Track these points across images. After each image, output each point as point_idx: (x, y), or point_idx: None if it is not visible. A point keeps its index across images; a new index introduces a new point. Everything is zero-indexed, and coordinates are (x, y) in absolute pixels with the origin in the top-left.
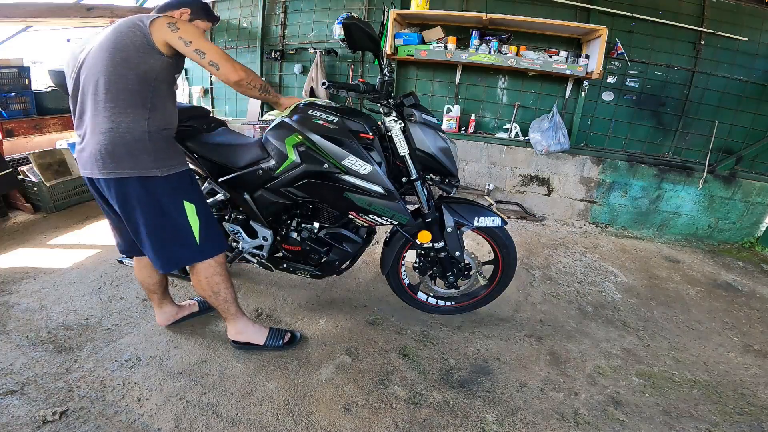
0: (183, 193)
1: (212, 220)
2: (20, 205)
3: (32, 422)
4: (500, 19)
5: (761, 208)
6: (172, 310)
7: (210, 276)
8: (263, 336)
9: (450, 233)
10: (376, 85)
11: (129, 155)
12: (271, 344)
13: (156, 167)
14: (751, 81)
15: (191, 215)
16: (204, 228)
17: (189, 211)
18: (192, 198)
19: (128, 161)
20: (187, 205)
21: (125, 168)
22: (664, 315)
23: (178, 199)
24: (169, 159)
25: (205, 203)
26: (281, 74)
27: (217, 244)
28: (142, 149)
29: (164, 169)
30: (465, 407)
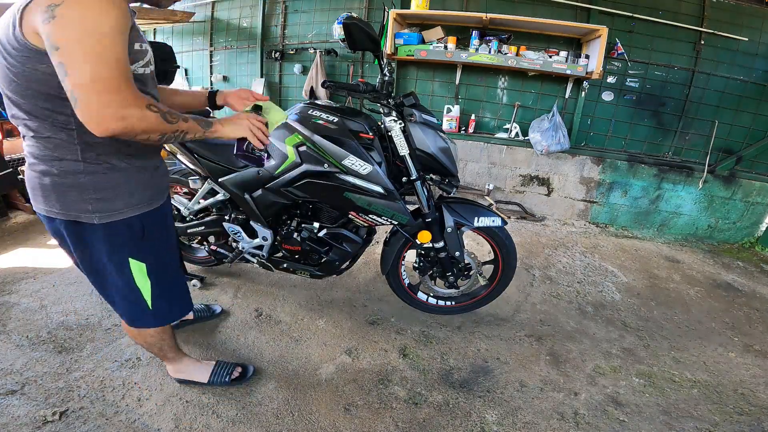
0: (127, 248)
1: (172, 284)
2: (20, 205)
3: (32, 422)
4: (500, 19)
5: (761, 208)
6: None
7: (148, 334)
8: (207, 373)
9: (450, 233)
10: (376, 85)
11: (61, 193)
12: (215, 381)
13: (91, 211)
14: (751, 81)
15: (139, 275)
16: (157, 290)
17: (135, 270)
18: (142, 254)
19: (61, 199)
20: (134, 263)
21: (59, 208)
22: (664, 315)
23: (120, 253)
24: (112, 200)
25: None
26: (281, 74)
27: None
28: (74, 186)
29: (102, 214)
30: (465, 407)
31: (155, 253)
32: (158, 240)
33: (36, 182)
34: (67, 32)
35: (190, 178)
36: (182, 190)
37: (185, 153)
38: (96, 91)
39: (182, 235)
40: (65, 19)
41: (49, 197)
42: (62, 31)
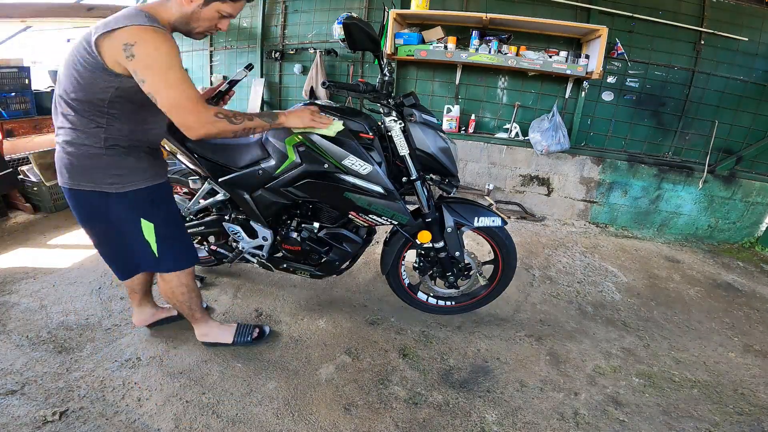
0: (140, 211)
1: (176, 239)
2: (20, 205)
3: (32, 422)
4: (500, 19)
5: (761, 208)
6: (150, 311)
7: (175, 287)
8: (230, 334)
9: (450, 233)
10: (376, 85)
11: (84, 170)
12: (239, 341)
13: (110, 183)
14: (751, 81)
15: (148, 233)
16: (162, 245)
17: (146, 228)
18: (150, 216)
19: (84, 175)
20: (144, 223)
21: (80, 181)
22: (664, 315)
23: (134, 215)
24: (125, 176)
25: (169, 223)
26: (281, 74)
27: (181, 262)
28: (95, 165)
29: (119, 185)
30: (465, 407)
31: (161, 215)
32: (163, 205)
33: (68, 161)
34: (147, 69)
35: (190, 178)
36: (182, 190)
37: (185, 153)
38: (178, 112)
39: None
40: (142, 58)
41: (78, 173)
42: (143, 69)
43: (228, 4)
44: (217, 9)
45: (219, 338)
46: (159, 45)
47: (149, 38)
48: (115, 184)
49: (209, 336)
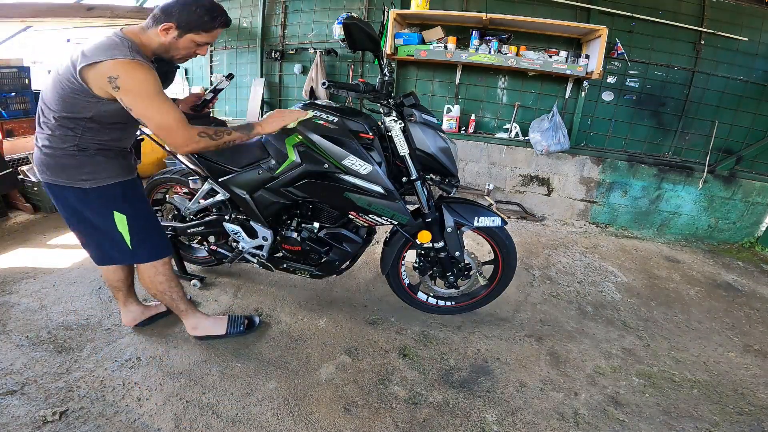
0: (113, 204)
1: (148, 230)
2: (20, 205)
3: (32, 422)
4: (500, 19)
5: (761, 208)
6: (138, 310)
7: (152, 276)
8: (223, 326)
9: (450, 233)
10: (376, 85)
11: (60, 168)
12: (232, 332)
13: (83, 179)
14: (751, 81)
15: (120, 225)
16: (135, 237)
17: (118, 220)
18: (123, 209)
19: (60, 173)
20: (117, 215)
21: (59, 178)
22: (664, 315)
23: (107, 208)
24: (98, 173)
25: (140, 216)
26: (281, 74)
27: (154, 252)
28: (69, 164)
29: (92, 181)
30: (465, 407)
31: (133, 208)
32: (134, 199)
33: (45, 160)
34: (133, 99)
35: (190, 178)
36: (182, 190)
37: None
38: (166, 134)
39: (182, 235)
40: (127, 89)
41: (55, 171)
42: (130, 99)
43: (201, 35)
44: (191, 39)
45: (211, 330)
46: (141, 77)
47: (131, 71)
48: (88, 180)
49: (199, 329)
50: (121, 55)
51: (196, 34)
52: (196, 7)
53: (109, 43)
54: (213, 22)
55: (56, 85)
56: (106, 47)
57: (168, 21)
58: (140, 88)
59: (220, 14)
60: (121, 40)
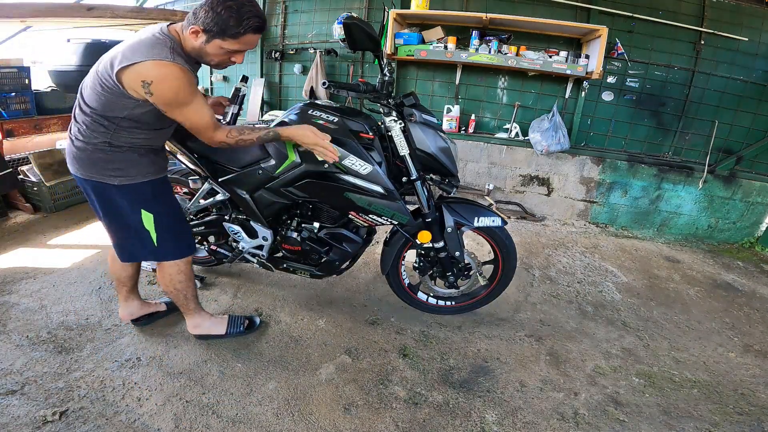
0: (141, 203)
1: (174, 229)
2: (20, 205)
3: (32, 422)
4: (500, 19)
5: (761, 208)
6: (136, 306)
7: (174, 275)
8: (223, 326)
9: (450, 233)
10: (376, 85)
11: (91, 163)
12: (232, 332)
13: (113, 176)
14: (751, 81)
15: (147, 223)
16: (162, 235)
17: (146, 219)
18: (151, 208)
19: (91, 167)
20: (145, 214)
21: (89, 172)
22: (664, 315)
23: (135, 206)
24: (128, 170)
25: (168, 214)
26: (281, 74)
27: (178, 251)
28: (101, 159)
29: (122, 178)
30: (465, 407)
31: (161, 207)
32: (163, 198)
33: (77, 154)
34: (166, 105)
35: (190, 178)
36: (182, 190)
37: (185, 153)
38: (199, 135)
39: None
40: (159, 95)
41: (85, 165)
42: (162, 105)
43: (228, 41)
44: (219, 45)
45: (212, 330)
46: (173, 83)
47: (164, 77)
48: (118, 177)
49: (201, 328)
50: (159, 56)
51: (222, 40)
52: (222, 9)
53: (150, 42)
54: (239, 26)
55: (94, 82)
56: (146, 46)
57: (195, 23)
58: (173, 95)
59: (248, 17)
60: (164, 39)
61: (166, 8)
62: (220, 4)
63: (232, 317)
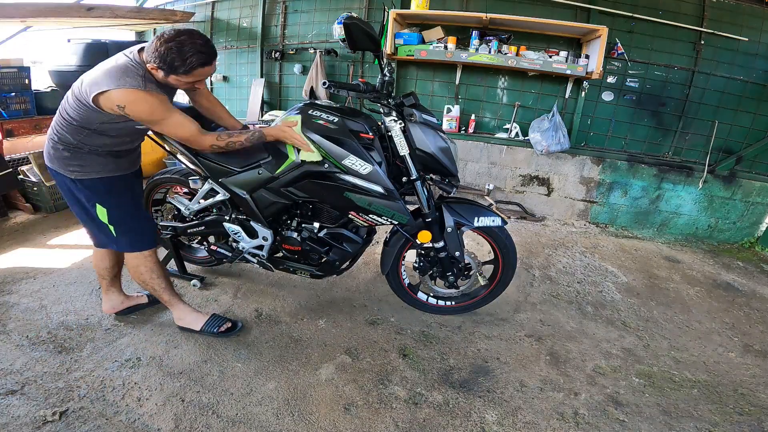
0: (95, 197)
1: (128, 224)
2: (20, 205)
3: (32, 422)
4: (500, 19)
5: (761, 208)
6: (118, 299)
7: (135, 267)
8: (200, 323)
9: (450, 233)
10: (376, 85)
11: (57, 157)
12: (206, 330)
13: (71, 170)
14: (751, 81)
15: (102, 215)
16: (118, 228)
17: (100, 212)
18: (105, 202)
19: (56, 161)
20: (99, 207)
21: (54, 165)
22: (664, 315)
23: (90, 199)
24: (85, 167)
25: (121, 209)
26: (281, 74)
27: (135, 243)
28: (64, 156)
29: (78, 173)
30: (465, 407)
31: (115, 202)
32: (118, 194)
33: (47, 147)
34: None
35: (190, 178)
36: (182, 190)
37: (185, 153)
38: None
39: (182, 235)
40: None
41: (50, 158)
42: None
43: (181, 76)
44: (176, 80)
45: (191, 324)
46: (144, 106)
47: (135, 101)
48: (76, 172)
49: (183, 321)
50: (132, 84)
51: (176, 75)
52: (164, 50)
53: (123, 69)
54: (184, 65)
55: (74, 100)
56: (119, 73)
57: (150, 62)
58: (150, 113)
59: (190, 55)
60: (136, 68)
61: (165, 8)
62: (162, 44)
63: (213, 317)
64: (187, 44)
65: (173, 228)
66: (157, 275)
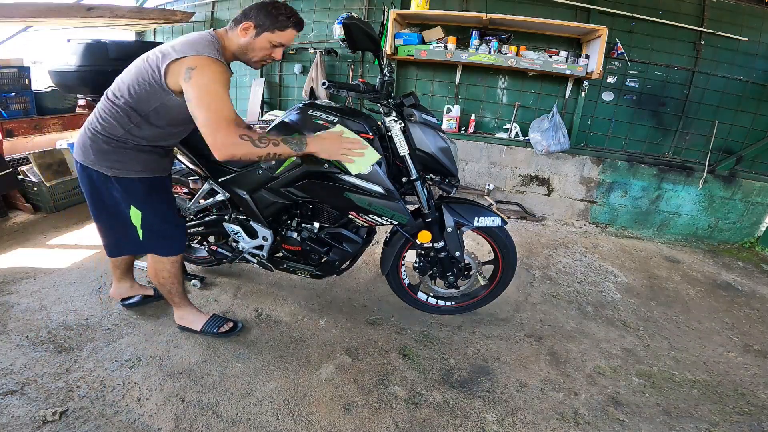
0: (132, 198)
1: (161, 231)
2: (20, 205)
3: (32, 422)
4: (500, 19)
5: (761, 208)
6: (126, 287)
7: (159, 270)
8: (200, 323)
9: (450, 233)
10: (376, 85)
11: (96, 151)
12: (206, 330)
13: (110, 167)
14: (751, 81)
15: (135, 219)
16: (147, 232)
17: (134, 215)
18: (140, 206)
19: (94, 156)
20: (133, 210)
21: (90, 160)
22: (664, 315)
23: (126, 200)
24: (126, 164)
25: (157, 215)
26: (281, 74)
27: (163, 249)
28: (105, 150)
29: (116, 171)
30: (465, 407)
31: (151, 206)
32: (156, 198)
33: (85, 140)
34: (196, 92)
35: (190, 178)
36: (182, 190)
37: (185, 153)
38: (209, 130)
39: None
40: (196, 81)
41: (87, 152)
42: (194, 91)
43: (277, 33)
44: (268, 39)
45: (191, 324)
46: (214, 76)
47: (208, 68)
48: (114, 169)
49: (184, 320)
50: (209, 53)
51: (272, 32)
52: (272, 8)
53: (201, 41)
54: (287, 21)
55: (139, 71)
56: (198, 44)
57: (246, 20)
58: (208, 84)
59: (293, 14)
60: (213, 41)
61: (165, 8)
62: (270, 4)
63: (214, 317)
64: (290, 8)
65: None
66: (178, 281)
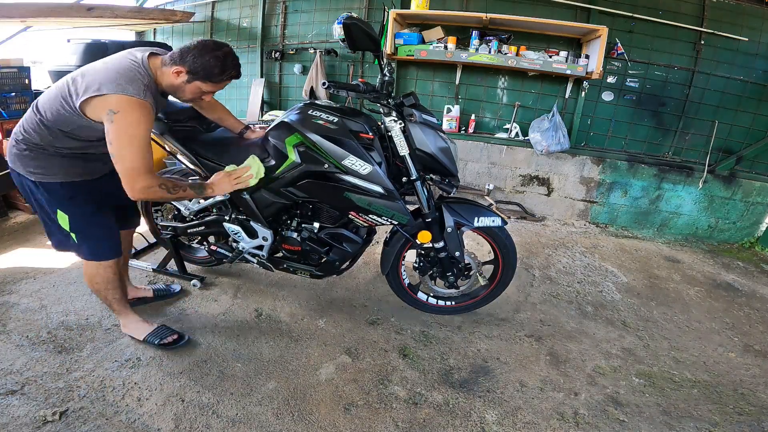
0: (56, 203)
1: (90, 234)
2: (20, 205)
3: (32, 422)
4: (500, 19)
5: (761, 208)
6: None
7: (92, 275)
8: (144, 332)
9: (450, 233)
10: (376, 85)
11: (19, 157)
12: (149, 340)
13: (32, 173)
14: (751, 81)
15: (63, 222)
16: (78, 235)
17: (61, 219)
18: (66, 209)
19: (18, 161)
20: (60, 214)
21: (15, 165)
22: (664, 315)
23: (51, 204)
24: (47, 170)
25: (83, 218)
26: (281, 74)
27: (95, 253)
28: (27, 156)
29: (39, 176)
30: (465, 407)
31: (76, 210)
32: (80, 202)
33: (11, 148)
34: (117, 135)
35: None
36: None
37: (185, 153)
38: (129, 177)
39: (182, 235)
40: (118, 125)
41: (13, 159)
42: (115, 134)
43: (208, 84)
44: (199, 87)
45: (133, 332)
46: (137, 120)
47: (131, 113)
48: (36, 174)
49: (127, 328)
50: (133, 92)
51: (203, 82)
52: (210, 58)
53: (127, 73)
54: (222, 75)
55: (56, 99)
56: (123, 77)
57: (181, 65)
58: (131, 129)
59: (231, 68)
60: (142, 74)
61: (165, 8)
62: (208, 52)
63: (160, 327)
64: (229, 58)
65: (173, 228)
66: (113, 287)
